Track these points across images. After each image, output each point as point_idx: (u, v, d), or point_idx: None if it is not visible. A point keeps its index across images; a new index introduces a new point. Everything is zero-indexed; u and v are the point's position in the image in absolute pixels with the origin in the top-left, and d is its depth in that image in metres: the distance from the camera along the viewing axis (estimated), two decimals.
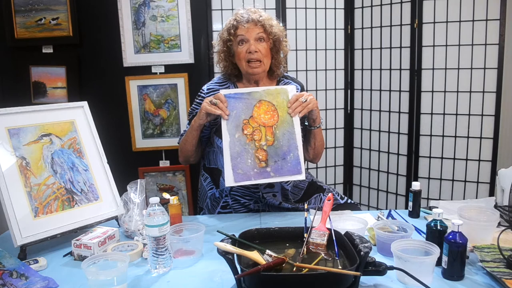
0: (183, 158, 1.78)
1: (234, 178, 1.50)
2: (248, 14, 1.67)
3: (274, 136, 1.55)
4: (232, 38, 1.67)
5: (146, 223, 1.18)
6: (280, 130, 1.56)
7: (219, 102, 1.53)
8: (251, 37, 1.64)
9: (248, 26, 1.64)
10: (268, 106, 1.57)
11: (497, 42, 2.30)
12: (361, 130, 2.83)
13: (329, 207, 1.28)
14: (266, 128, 1.56)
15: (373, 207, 2.84)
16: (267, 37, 1.67)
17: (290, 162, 1.54)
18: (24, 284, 1.11)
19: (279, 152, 1.54)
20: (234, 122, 1.55)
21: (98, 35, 2.43)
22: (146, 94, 2.49)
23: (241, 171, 1.51)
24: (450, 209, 1.55)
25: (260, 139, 1.55)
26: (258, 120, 1.56)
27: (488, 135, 2.40)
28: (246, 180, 1.51)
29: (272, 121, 1.56)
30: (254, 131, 1.55)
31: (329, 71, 2.73)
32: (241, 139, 1.54)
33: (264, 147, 1.54)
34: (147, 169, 2.55)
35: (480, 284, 1.10)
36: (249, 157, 1.52)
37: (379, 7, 2.60)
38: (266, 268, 1.02)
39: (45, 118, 1.48)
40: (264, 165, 1.52)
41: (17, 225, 1.29)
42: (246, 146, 1.53)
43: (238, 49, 1.66)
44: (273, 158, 1.53)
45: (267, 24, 1.66)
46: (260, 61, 1.65)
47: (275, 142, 1.55)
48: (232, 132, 1.54)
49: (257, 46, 1.64)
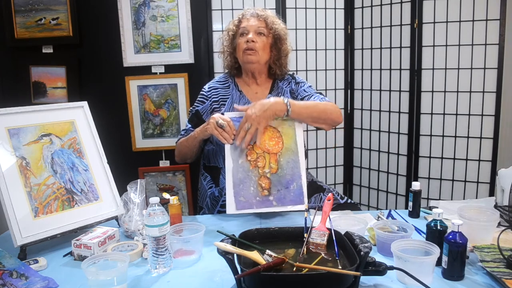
0: (179, 158, 1.80)
1: (236, 206, 1.47)
2: (254, 10, 1.74)
3: (278, 164, 1.52)
4: (235, 29, 1.73)
5: (146, 223, 1.18)
6: (284, 158, 1.53)
7: (226, 125, 1.50)
8: (251, 29, 1.69)
9: (251, 19, 1.71)
10: (273, 133, 1.54)
11: (497, 42, 2.30)
12: (361, 130, 2.83)
13: (329, 207, 1.28)
14: (270, 155, 1.52)
15: (373, 207, 2.84)
16: (267, 31, 1.71)
17: (293, 191, 1.51)
18: (24, 284, 1.11)
19: (282, 180, 1.51)
20: (238, 147, 1.51)
21: (98, 35, 2.43)
22: (146, 94, 2.49)
23: (243, 198, 1.48)
24: (450, 209, 1.55)
25: (264, 166, 1.51)
26: (263, 147, 1.52)
27: (488, 135, 2.40)
28: (248, 208, 1.48)
29: (277, 148, 1.53)
30: (258, 158, 1.52)
31: (329, 71, 2.73)
32: (244, 165, 1.51)
33: (267, 175, 1.51)
34: (147, 169, 2.55)
35: (480, 284, 1.10)
36: (252, 184, 1.50)
37: (379, 7, 2.60)
38: (266, 268, 1.02)
39: (45, 118, 1.48)
40: (266, 194, 1.50)
41: (17, 225, 1.29)
42: (250, 173, 1.50)
43: (239, 40, 1.71)
44: (276, 187, 1.50)
45: (269, 20, 1.71)
46: (256, 50, 1.67)
47: (278, 170, 1.52)
48: (235, 157, 1.51)
49: (256, 38, 1.68)
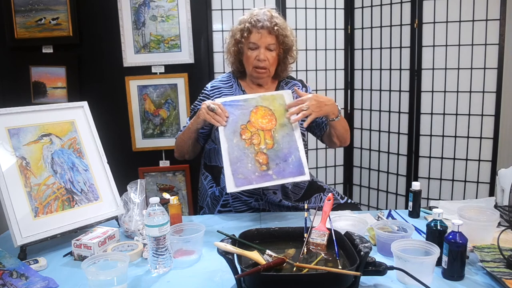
0: (178, 154, 1.80)
1: (235, 183, 1.47)
2: (264, 19, 1.63)
3: (273, 139, 1.53)
4: (244, 41, 1.67)
5: (146, 223, 1.18)
6: (279, 133, 1.54)
7: (217, 108, 1.52)
8: (262, 45, 1.64)
9: (261, 33, 1.63)
10: (265, 111, 1.56)
11: (497, 42, 2.30)
12: (361, 130, 2.83)
13: (329, 207, 1.28)
14: (265, 132, 1.54)
15: (373, 207, 2.84)
16: (277, 46, 1.67)
17: (292, 164, 1.51)
18: (24, 284, 1.11)
19: (279, 154, 1.51)
20: (231, 128, 1.53)
21: (98, 35, 2.43)
22: (146, 94, 2.49)
23: (241, 175, 1.48)
24: (450, 209, 1.55)
25: (259, 143, 1.52)
26: (256, 125, 1.54)
27: (488, 135, 2.40)
28: (247, 184, 1.47)
29: (270, 125, 1.55)
30: (253, 136, 1.53)
31: (329, 71, 2.73)
32: (239, 144, 1.51)
33: (264, 151, 1.51)
34: (147, 169, 2.55)
35: (480, 284, 1.10)
36: (249, 161, 1.49)
37: (379, 7, 2.60)
38: (266, 268, 1.02)
39: (45, 118, 1.48)
40: (265, 168, 1.49)
41: (17, 225, 1.29)
42: (246, 150, 1.51)
43: (248, 53, 1.67)
44: (274, 161, 1.50)
45: (280, 34, 1.65)
46: (267, 68, 1.66)
47: (275, 145, 1.52)
48: (229, 137, 1.52)
49: (266, 54, 1.65)
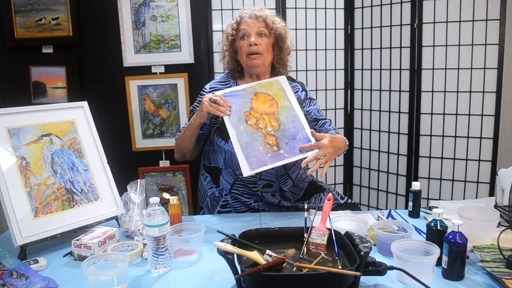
0: (178, 155, 1.79)
1: (250, 166, 1.49)
2: (252, 11, 1.71)
3: (278, 122, 1.59)
4: (235, 33, 1.70)
5: (146, 223, 1.18)
6: (282, 115, 1.60)
7: (219, 99, 1.55)
8: (252, 31, 1.67)
9: (250, 21, 1.68)
10: (265, 97, 1.62)
11: (497, 42, 2.29)
12: (361, 130, 2.83)
13: (329, 207, 1.28)
14: (269, 116, 1.59)
15: (373, 207, 2.84)
16: (268, 32, 1.69)
17: (301, 141, 1.56)
18: (24, 284, 1.11)
19: (287, 134, 1.57)
20: (236, 116, 1.56)
21: (98, 35, 2.43)
22: (146, 94, 2.49)
23: (255, 158, 1.51)
24: (450, 209, 1.55)
25: (266, 126, 1.57)
26: (259, 110, 1.59)
27: (488, 135, 2.40)
28: (262, 165, 1.50)
29: (272, 109, 1.60)
30: (258, 120, 1.58)
31: (329, 71, 2.73)
32: (247, 130, 1.55)
33: (271, 133, 1.56)
34: (147, 169, 2.55)
35: (480, 284, 1.10)
36: (259, 144, 1.53)
37: (379, 7, 2.60)
38: (266, 268, 1.02)
39: (45, 118, 1.48)
40: (276, 149, 1.54)
41: (17, 225, 1.29)
42: (254, 135, 1.55)
43: (240, 43, 1.69)
44: (283, 140, 1.55)
45: (269, 20, 1.69)
46: (260, 53, 1.67)
47: (281, 127, 1.58)
48: (236, 125, 1.55)
49: (258, 40, 1.67)
